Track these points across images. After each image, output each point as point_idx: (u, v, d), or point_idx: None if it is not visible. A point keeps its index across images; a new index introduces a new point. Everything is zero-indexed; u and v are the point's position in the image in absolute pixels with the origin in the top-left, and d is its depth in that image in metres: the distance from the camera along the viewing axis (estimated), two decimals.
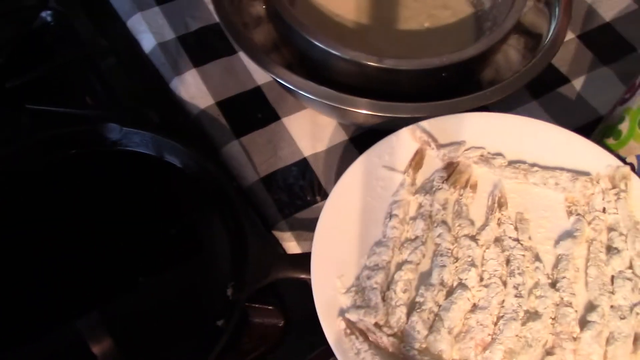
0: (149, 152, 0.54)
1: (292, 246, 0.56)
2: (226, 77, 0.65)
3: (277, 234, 0.56)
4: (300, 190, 0.59)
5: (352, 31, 0.62)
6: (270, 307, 0.51)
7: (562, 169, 0.52)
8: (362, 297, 0.47)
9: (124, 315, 0.48)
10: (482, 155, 0.53)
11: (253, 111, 0.63)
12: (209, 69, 0.65)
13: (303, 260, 0.49)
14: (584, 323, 0.46)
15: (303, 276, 0.50)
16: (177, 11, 0.69)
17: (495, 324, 0.46)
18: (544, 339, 0.46)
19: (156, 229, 0.52)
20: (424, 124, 0.53)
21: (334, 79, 0.55)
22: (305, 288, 0.54)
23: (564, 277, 0.48)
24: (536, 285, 0.48)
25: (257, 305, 0.51)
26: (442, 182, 0.52)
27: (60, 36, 0.67)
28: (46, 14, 0.67)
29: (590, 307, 0.47)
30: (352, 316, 0.46)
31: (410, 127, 0.53)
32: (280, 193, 0.58)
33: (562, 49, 0.59)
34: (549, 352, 0.45)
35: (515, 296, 0.47)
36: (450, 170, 0.53)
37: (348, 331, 0.46)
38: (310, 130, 0.62)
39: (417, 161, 0.53)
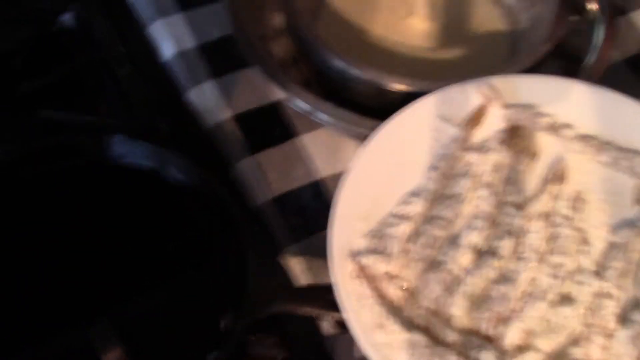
0: (152, 164, 0.51)
1: (300, 273, 0.53)
2: (245, 90, 0.62)
3: (286, 259, 0.53)
4: (314, 214, 0.55)
5: (378, 49, 0.59)
6: (270, 338, 0.48)
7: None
8: (380, 244, 0.43)
9: (110, 336, 0.45)
10: (551, 123, 0.47)
11: (270, 127, 0.60)
12: (228, 81, 0.62)
13: (309, 294, 0.46)
14: (623, 320, 0.41)
15: (308, 310, 0.46)
16: (200, 19, 0.67)
17: (520, 300, 0.41)
18: (572, 328, 0.40)
19: (152, 245, 0.49)
20: (494, 80, 0.48)
21: (354, 98, 0.52)
22: (310, 318, 0.50)
23: (612, 267, 0.42)
24: (578, 270, 0.42)
25: (255, 336, 0.48)
26: (500, 144, 0.47)
27: (79, 41, 0.66)
28: (65, 18, 0.66)
29: (636, 304, 0.41)
30: (364, 259, 0.43)
31: (477, 82, 0.48)
32: (293, 215, 0.55)
33: (605, 73, 0.54)
34: (573, 343, 0.40)
35: (550, 276, 0.42)
36: (512, 133, 0.48)
37: (355, 274, 0.42)
38: (328, 149, 0.58)
39: (476, 117, 0.48)
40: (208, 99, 0.61)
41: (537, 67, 0.53)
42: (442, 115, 0.48)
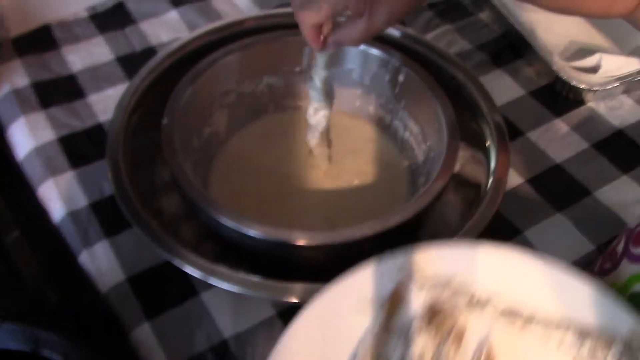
0: (26, 349, 0.46)
1: None
2: (140, 248, 0.58)
3: None
4: None
5: (275, 193, 0.57)
6: None
7: (569, 322, 0.42)
8: None
9: None
10: (471, 300, 0.44)
11: (168, 286, 0.56)
12: (122, 240, 0.58)
13: None
14: None
15: None
16: (91, 175, 0.63)
17: None
18: None
19: None
20: (405, 258, 0.44)
21: (252, 253, 0.49)
22: None
23: None
24: None
25: None
26: (422, 328, 0.43)
27: None
28: None
29: None
30: None
31: (387, 261, 0.44)
32: None
33: (510, 196, 0.53)
34: None
35: None
36: (433, 314, 0.44)
37: None
38: (231, 306, 0.54)
39: (392, 302, 0.44)
40: (100, 262, 0.57)
41: (433, 202, 0.51)
42: (353, 306, 0.44)
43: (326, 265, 0.49)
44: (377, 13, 0.42)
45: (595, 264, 0.48)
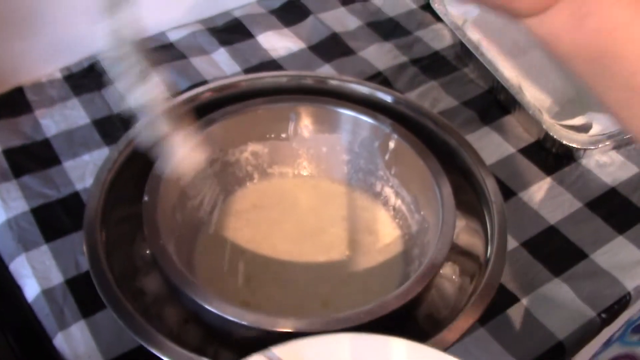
0: None
1: None
2: (120, 329, 0.53)
3: None
4: None
5: (263, 268, 0.54)
6: None
7: None
8: None
9: None
10: None
11: None
12: (101, 320, 0.55)
13: None
14: None
15: None
16: (67, 248, 0.60)
17: None
18: None
19: None
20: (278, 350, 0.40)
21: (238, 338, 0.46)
22: None
23: None
24: None
25: None
26: None
27: None
28: None
29: None
30: None
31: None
32: None
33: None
34: None
35: None
36: None
37: None
38: None
39: None
40: (77, 345, 0.54)
41: (431, 282, 0.48)
42: None
43: None
44: None
45: None
